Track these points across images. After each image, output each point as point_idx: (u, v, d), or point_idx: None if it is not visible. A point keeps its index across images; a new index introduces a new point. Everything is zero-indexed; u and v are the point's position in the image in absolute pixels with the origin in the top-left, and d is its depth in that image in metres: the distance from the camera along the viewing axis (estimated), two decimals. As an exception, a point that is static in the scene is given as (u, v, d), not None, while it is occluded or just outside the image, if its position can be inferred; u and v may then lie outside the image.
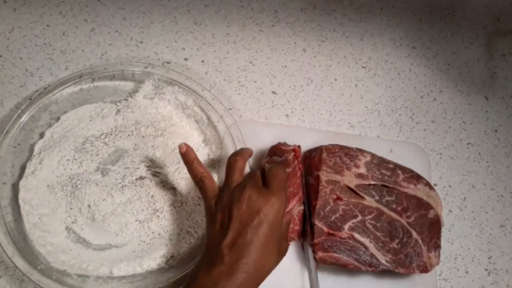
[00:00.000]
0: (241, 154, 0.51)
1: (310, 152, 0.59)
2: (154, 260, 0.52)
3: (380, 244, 0.53)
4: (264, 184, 0.48)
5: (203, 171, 0.51)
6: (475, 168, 0.65)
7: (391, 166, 0.58)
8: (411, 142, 0.65)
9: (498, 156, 0.67)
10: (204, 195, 0.50)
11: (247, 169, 0.54)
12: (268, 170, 0.49)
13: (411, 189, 0.57)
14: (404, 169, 0.58)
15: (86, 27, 0.65)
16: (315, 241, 0.52)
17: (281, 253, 0.48)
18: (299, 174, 0.56)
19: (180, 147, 0.51)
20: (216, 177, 0.58)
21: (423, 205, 0.56)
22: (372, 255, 0.53)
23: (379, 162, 0.57)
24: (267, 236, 0.44)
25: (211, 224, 0.48)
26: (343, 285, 0.55)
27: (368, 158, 0.57)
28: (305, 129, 0.63)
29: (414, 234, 0.54)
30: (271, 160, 0.56)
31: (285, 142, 0.58)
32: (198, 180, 0.50)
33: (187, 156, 0.51)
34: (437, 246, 0.55)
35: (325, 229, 0.53)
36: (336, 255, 0.52)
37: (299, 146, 0.58)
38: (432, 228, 0.55)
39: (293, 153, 0.56)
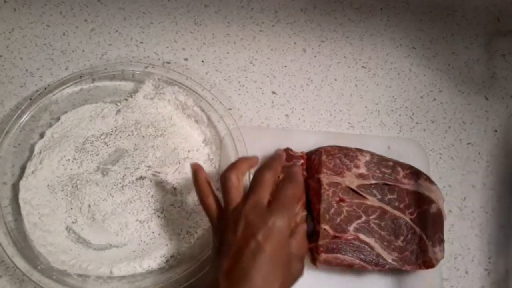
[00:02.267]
0: (234, 168, 0.46)
1: (310, 154, 0.59)
2: (154, 260, 0.52)
3: (385, 243, 0.53)
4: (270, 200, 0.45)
5: (207, 194, 0.47)
6: (475, 168, 0.66)
7: (390, 163, 0.58)
8: (408, 138, 0.65)
9: (498, 156, 0.67)
10: (209, 219, 0.47)
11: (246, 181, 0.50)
12: (276, 186, 0.45)
13: (411, 185, 0.57)
14: (404, 166, 0.58)
15: (86, 27, 0.65)
16: (320, 243, 0.52)
17: (292, 276, 0.44)
18: (303, 180, 0.57)
19: (192, 164, 0.49)
20: (217, 177, 0.58)
21: (424, 200, 0.56)
22: (378, 255, 0.53)
23: (379, 161, 0.58)
24: (267, 262, 0.40)
25: (212, 250, 0.45)
26: (349, 283, 0.55)
27: (368, 158, 0.57)
28: (303, 131, 0.63)
29: (418, 230, 0.55)
30: (283, 169, 0.54)
31: (287, 148, 0.58)
32: (201, 201, 0.47)
33: (196, 175, 0.48)
34: (441, 241, 0.55)
35: (331, 232, 0.53)
36: (340, 256, 0.52)
37: (301, 152, 0.58)
38: (435, 223, 0.56)
39: (302, 161, 0.57)
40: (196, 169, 0.48)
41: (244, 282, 0.39)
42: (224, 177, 0.46)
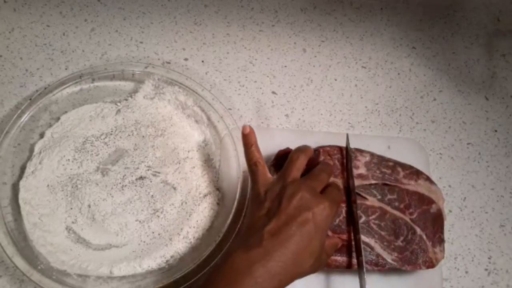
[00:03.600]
0: (304, 151, 0.51)
1: None
2: (154, 260, 0.52)
3: (385, 243, 0.53)
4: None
5: (259, 157, 0.50)
6: (475, 168, 0.66)
7: (390, 164, 0.58)
8: (408, 138, 0.65)
9: (498, 156, 0.67)
10: (255, 180, 0.50)
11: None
12: (330, 184, 0.50)
13: (412, 185, 0.57)
14: (404, 166, 0.58)
15: (86, 27, 0.65)
16: None
17: (319, 263, 0.47)
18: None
19: (243, 127, 0.51)
20: (216, 178, 0.58)
21: (425, 201, 0.56)
22: (378, 255, 0.53)
23: (379, 161, 0.57)
24: (310, 235, 0.44)
25: (256, 209, 0.47)
26: (349, 284, 0.54)
27: (368, 158, 0.57)
28: (303, 131, 0.63)
29: (418, 230, 0.55)
30: (276, 164, 0.56)
31: (287, 148, 0.58)
32: (252, 164, 0.50)
33: (248, 139, 0.51)
34: (441, 241, 0.55)
35: (330, 233, 0.53)
36: (339, 258, 0.52)
37: None
38: (435, 223, 0.55)
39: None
40: (249, 133, 0.51)
41: (285, 244, 0.43)
42: (296, 156, 0.50)
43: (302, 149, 0.52)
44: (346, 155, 0.57)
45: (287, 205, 0.45)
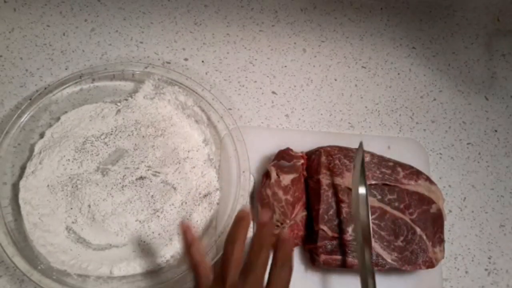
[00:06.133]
0: (235, 240, 0.44)
1: (310, 154, 0.59)
2: (154, 260, 0.52)
3: (385, 243, 0.53)
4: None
5: (198, 258, 0.45)
6: (475, 168, 0.66)
7: (390, 164, 0.58)
8: (408, 138, 0.65)
9: (498, 156, 0.67)
10: (196, 285, 0.45)
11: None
12: (272, 270, 0.43)
13: (412, 185, 0.57)
14: (404, 166, 0.58)
15: (86, 27, 0.65)
16: (318, 244, 0.52)
17: None
18: (303, 179, 0.56)
19: (181, 223, 0.47)
20: (216, 178, 0.58)
21: (425, 201, 0.56)
22: (378, 255, 0.53)
23: (379, 161, 0.57)
24: None
25: None
26: (349, 284, 0.55)
27: (368, 158, 0.57)
28: (303, 131, 0.63)
29: (418, 230, 0.55)
30: (277, 164, 0.55)
31: (287, 148, 0.58)
32: (192, 266, 0.45)
33: (186, 237, 0.46)
34: (441, 241, 0.55)
35: (330, 233, 0.53)
36: (340, 257, 0.52)
37: (301, 152, 0.58)
38: (435, 223, 0.56)
39: (302, 160, 0.57)
40: (186, 230, 0.46)
41: None
42: (228, 250, 0.43)
43: (232, 238, 0.44)
44: (361, 163, 0.53)
45: None
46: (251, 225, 0.49)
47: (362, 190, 0.52)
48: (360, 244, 0.51)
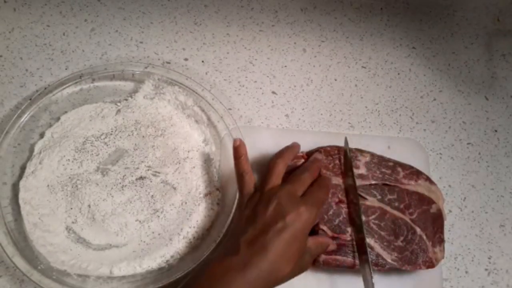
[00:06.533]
0: (281, 156, 0.52)
1: (310, 154, 0.58)
2: (154, 260, 0.52)
3: (385, 243, 0.53)
4: (302, 195, 0.49)
5: (246, 168, 0.52)
6: (475, 168, 0.66)
7: (390, 164, 0.58)
8: (408, 138, 0.65)
9: (498, 156, 0.67)
10: (241, 190, 0.52)
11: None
12: (315, 182, 0.51)
13: (412, 185, 0.57)
14: (404, 166, 0.58)
15: (86, 27, 0.65)
16: None
17: (300, 266, 0.47)
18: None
19: (234, 140, 0.53)
20: (217, 177, 0.58)
21: (425, 201, 0.56)
22: (378, 255, 0.53)
23: (379, 161, 0.57)
24: (287, 243, 0.44)
25: (238, 218, 0.49)
26: (349, 284, 0.55)
27: (368, 158, 0.57)
28: (303, 131, 0.63)
29: (418, 230, 0.55)
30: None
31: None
32: (240, 174, 0.52)
33: (237, 151, 0.52)
34: (441, 241, 0.55)
35: (330, 233, 0.53)
36: (340, 257, 0.52)
37: (302, 152, 0.58)
38: (435, 223, 0.55)
39: (302, 160, 0.57)
40: (239, 145, 0.52)
41: (261, 253, 0.43)
42: (274, 162, 0.51)
43: (280, 154, 0.53)
44: (345, 156, 0.57)
45: (263, 213, 0.46)
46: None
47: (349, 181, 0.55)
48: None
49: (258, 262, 0.43)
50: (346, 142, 0.57)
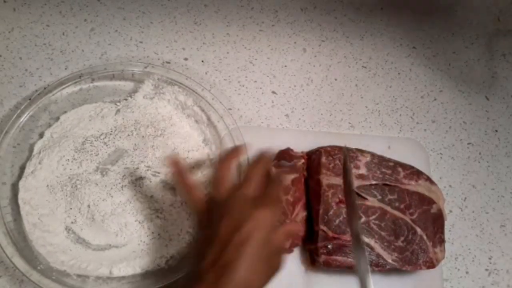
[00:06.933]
0: (223, 160, 0.48)
1: (310, 154, 0.58)
2: (154, 260, 0.52)
3: (385, 243, 0.53)
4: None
5: (193, 187, 0.47)
6: (475, 168, 0.65)
7: (391, 164, 0.58)
8: (408, 138, 0.65)
9: (498, 156, 0.67)
10: (194, 212, 0.47)
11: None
12: (263, 185, 0.46)
13: (412, 185, 0.57)
14: (404, 166, 0.58)
15: (86, 27, 0.65)
16: (319, 244, 0.52)
17: (273, 269, 0.44)
18: (303, 180, 0.56)
19: (167, 159, 0.49)
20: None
21: (425, 201, 0.56)
22: (378, 255, 0.53)
23: (379, 161, 0.57)
24: (251, 255, 0.40)
25: (200, 240, 0.45)
26: (349, 284, 0.54)
27: (368, 158, 0.57)
28: (303, 131, 0.63)
29: (419, 230, 0.55)
30: (278, 164, 0.55)
31: (287, 148, 0.58)
32: (182, 194, 0.48)
33: (174, 166, 0.48)
34: (442, 241, 0.55)
35: (330, 233, 0.53)
36: (340, 258, 0.52)
37: (302, 152, 0.58)
38: (435, 223, 0.55)
39: (303, 160, 0.56)
40: (175, 162, 0.48)
41: (227, 274, 0.39)
42: (217, 168, 0.47)
43: (221, 158, 0.48)
44: (343, 157, 0.55)
45: (220, 229, 0.42)
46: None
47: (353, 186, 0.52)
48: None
49: (226, 285, 0.39)
50: (345, 152, 0.55)
